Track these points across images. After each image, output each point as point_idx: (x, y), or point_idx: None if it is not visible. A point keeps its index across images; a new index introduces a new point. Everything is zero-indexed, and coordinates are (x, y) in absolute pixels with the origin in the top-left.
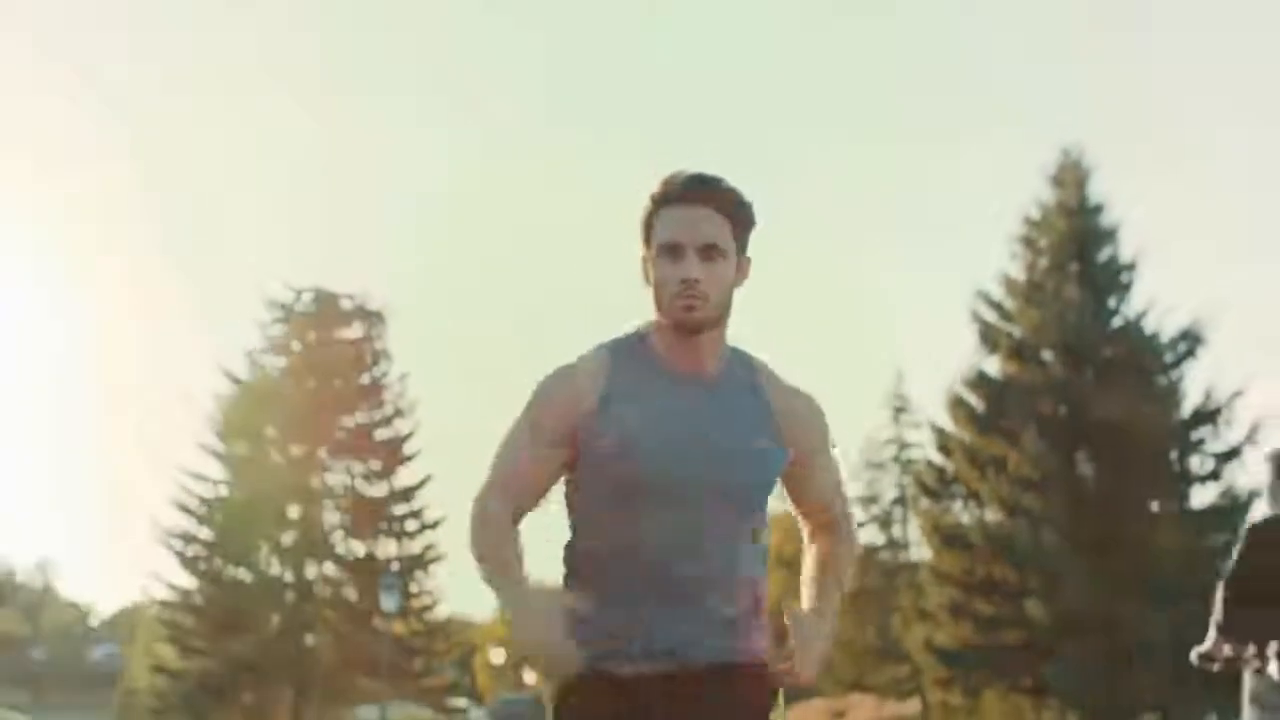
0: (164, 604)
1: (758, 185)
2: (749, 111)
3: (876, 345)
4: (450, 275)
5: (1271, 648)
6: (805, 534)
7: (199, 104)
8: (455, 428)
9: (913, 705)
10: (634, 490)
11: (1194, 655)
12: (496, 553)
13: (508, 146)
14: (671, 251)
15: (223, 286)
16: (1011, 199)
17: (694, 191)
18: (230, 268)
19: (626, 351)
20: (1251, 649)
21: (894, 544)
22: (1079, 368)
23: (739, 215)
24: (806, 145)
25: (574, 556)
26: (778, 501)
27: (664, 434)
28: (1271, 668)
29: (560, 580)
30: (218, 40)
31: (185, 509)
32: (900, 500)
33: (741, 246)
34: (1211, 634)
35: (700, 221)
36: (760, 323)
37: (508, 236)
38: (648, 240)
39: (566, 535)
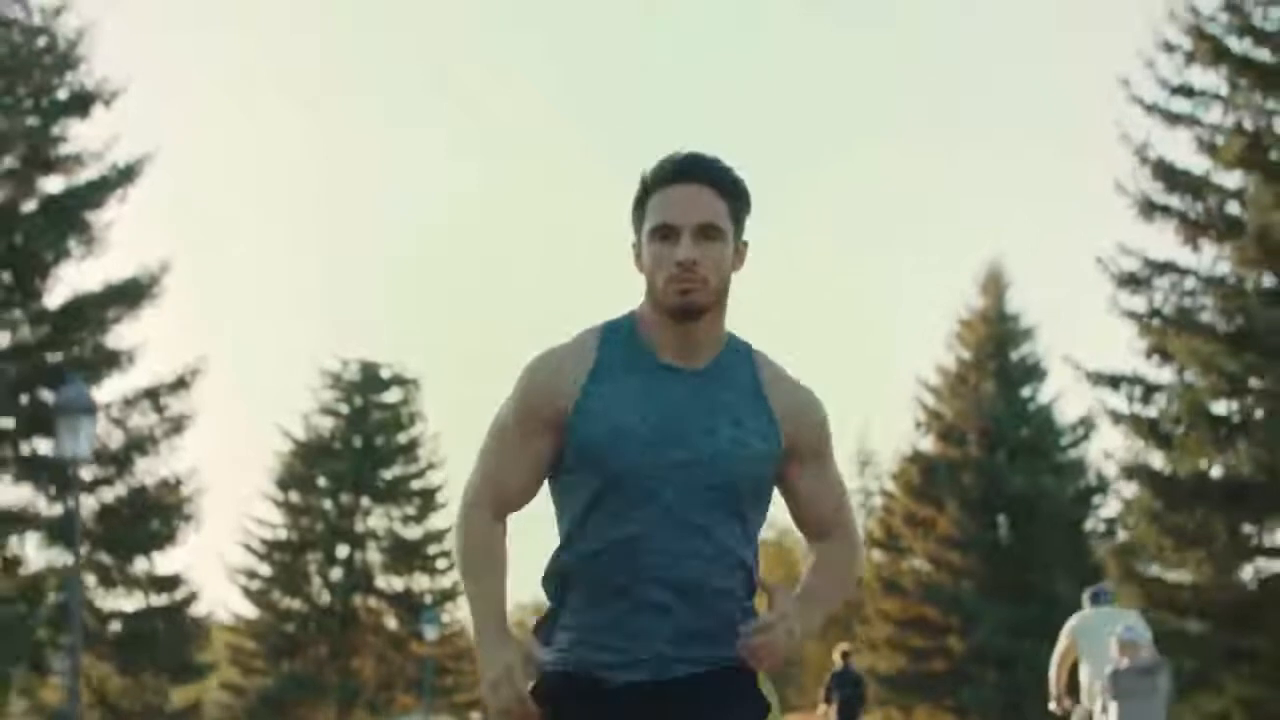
0: (228, 629)
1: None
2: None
3: (847, 401)
4: (476, 344)
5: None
6: (807, 547)
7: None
8: None
9: None
10: (613, 483)
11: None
12: (474, 573)
13: (529, 208)
14: (666, 233)
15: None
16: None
17: (689, 171)
18: (283, 340)
19: (616, 335)
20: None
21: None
22: (994, 449)
23: (737, 195)
24: (792, 174)
25: (558, 555)
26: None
27: (645, 423)
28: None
29: (548, 580)
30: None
31: (249, 549)
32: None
33: (739, 230)
34: (822, 705)
35: (696, 201)
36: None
37: (527, 300)
38: (639, 225)
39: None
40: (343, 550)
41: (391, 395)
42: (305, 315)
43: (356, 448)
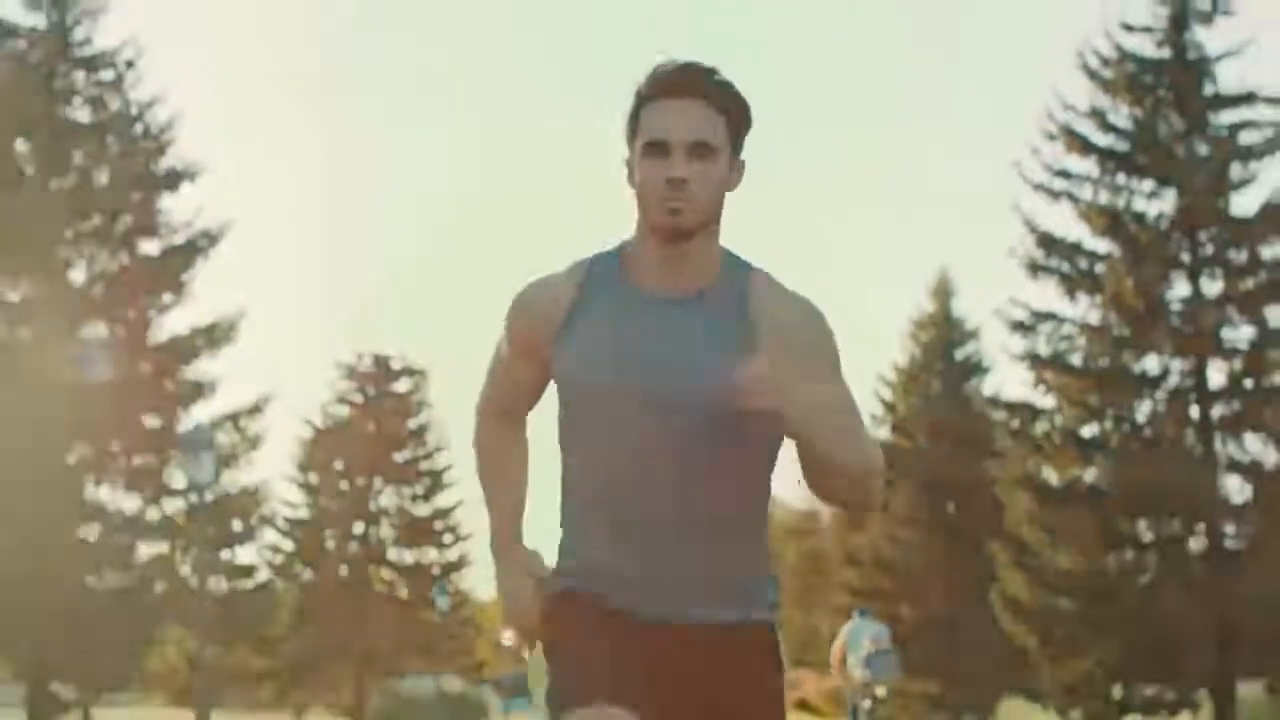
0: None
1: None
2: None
3: None
4: (477, 337)
5: None
6: None
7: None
8: None
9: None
10: (585, 415)
11: None
12: (484, 479)
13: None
14: (657, 149)
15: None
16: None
17: (684, 84)
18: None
19: (603, 267)
20: None
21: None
22: (939, 439)
23: (734, 110)
24: (776, 175)
25: (561, 487)
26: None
27: (619, 354)
28: None
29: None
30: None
31: (272, 525)
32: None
33: (736, 147)
34: None
35: (690, 116)
36: None
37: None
38: (632, 139)
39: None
40: (358, 527)
41: (402, 385)
42: (327, 319)
43: (370, 433)
